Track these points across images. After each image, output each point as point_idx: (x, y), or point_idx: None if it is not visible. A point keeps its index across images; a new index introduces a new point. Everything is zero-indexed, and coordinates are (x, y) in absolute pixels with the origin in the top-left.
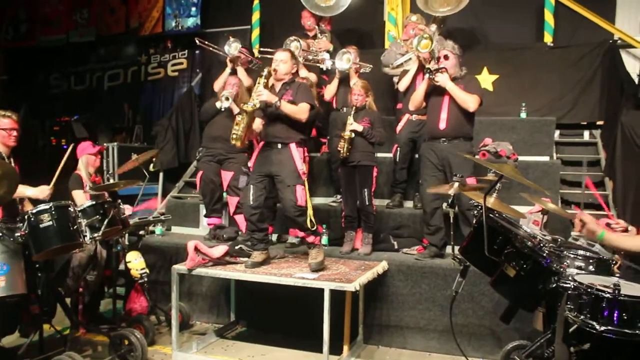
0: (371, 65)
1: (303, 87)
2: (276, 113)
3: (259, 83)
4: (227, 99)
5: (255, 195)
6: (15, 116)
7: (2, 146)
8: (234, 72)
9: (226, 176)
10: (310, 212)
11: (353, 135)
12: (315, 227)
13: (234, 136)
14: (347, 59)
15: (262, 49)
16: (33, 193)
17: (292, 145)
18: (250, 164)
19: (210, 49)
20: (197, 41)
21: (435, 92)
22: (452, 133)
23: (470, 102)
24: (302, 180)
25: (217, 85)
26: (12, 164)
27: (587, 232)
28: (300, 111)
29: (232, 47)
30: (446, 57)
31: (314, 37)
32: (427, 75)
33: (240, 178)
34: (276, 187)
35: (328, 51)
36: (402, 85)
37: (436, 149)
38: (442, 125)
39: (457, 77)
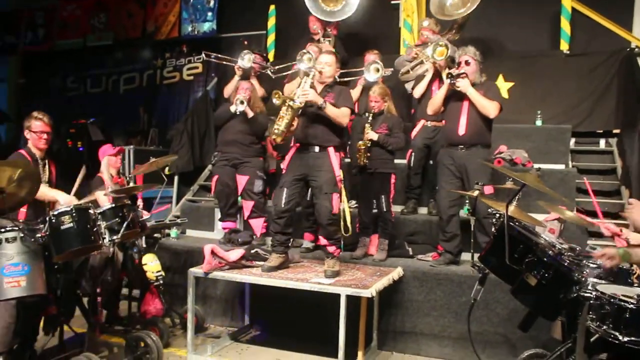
0: (392, 69)
1: (345, 92)
2: (316, 114)
3: (305, 82)
4: (241, 102)
5: (288, 198)
6: (47, 119)
7: (34, 148)
8: (245, 78)
9: (241, 180)
10: (347, 218)
11: (369, 143)
12: (338, 237)
13: (276, 131)
14: (374, 69)
15: (277, 67)
16: (64, 201)
17: (331, 150)
18: (283, 165)
19: (221, 61)
20: (204, 55)
21: (454, 97)
22: (471, 140)
23: (490, 108)
24: (338, 188)
25: (227, 92)
26: (47, 166)
27: (613, 260)
28: (342, 115)
29: (246, 60)
30: (467, 63)
31: (318, 40)
32: (448, 80)
33: (256, 182)
34: (311, 191)
35: None
36: (417, 92)
37: (454, 155)
38: (462, 131)
39: (477, 83)
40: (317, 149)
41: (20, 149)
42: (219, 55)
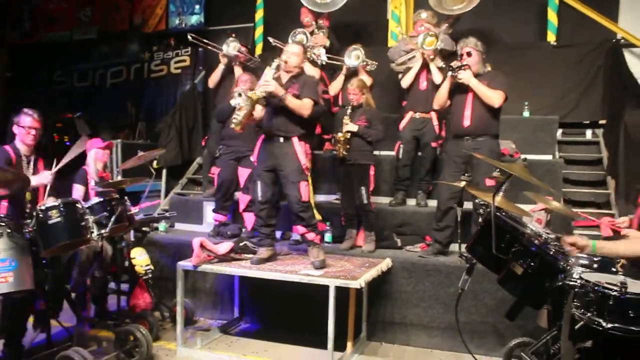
0: (376, 63)
1: (309, 83)
2: (279, 105)
3: (267, 72)
4: (239, 95)
5: (263, 190)
6: (37, 115)
7: (21, 144)
8: (230, 70)
9: (244, 173)
10: (312, 206)
11: (349, 135)
12: (314, 223)
13: (234, 121)
14: (356, 56)
15: (274, 40)
16: (37, 181)
17: (295, 140)
18: (253, 158)
19: (207, 46)
20: (190, 37)
21: (459, 89)
22: (476, 130)
23: (494, 97)
24: (305, 176)
25: (211, 82)
26: (31, 163)
27: (581, 250)
28: (304, 107)
29: (231, 47)
30: (469, 54)
31: (311, 33)
32: (449, 73)
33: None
34: (280, 181)
35: (324, 46)
36: (404, 82)
37: (460, 147)
38: (467, 122)
39: (481, 73)
40: (281, 139)
41: (6, 144)
42: (205, 40)
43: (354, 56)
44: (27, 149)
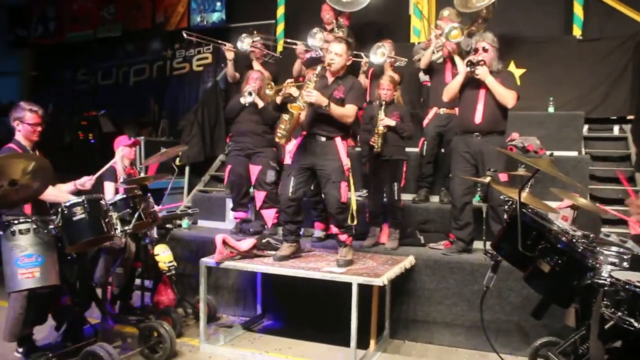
0: (406, 59)
1: (356, 87)
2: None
3: (309, 81)
4: (249, 94)
5: (296, 187)
6: (41, 111)
7: (25, 140)
8: (249, 66)
9: (254, 170)
10: (353, 207)
11: (385, 130)
12: (350, 225)
13: (279, 134)
14: (381, 53)
15: (288, 40)
16: (72, 187)
17: (338, 139)
18: (290, 154)
19: (204, 41)
20: (184, 34)
21: (470, 84)
22: (487, 128)
23: (509, 97)
24: (346, 177)
25: (229, 76)
26: None
27: None
28: (347, 114)
29: (245, 43)
30: (485, 50)
31: (331, 30)
32: (467, 68)
33: (268, 172)
34: (318, 180)
35: None
36: (423, 63)
37: (469, 143)
38: (478, 119)
39: (494, 70)
40: (323, 138)
41: (8, 143)
42: (200, 36)
43: (379, 53)
44: (31, 144)
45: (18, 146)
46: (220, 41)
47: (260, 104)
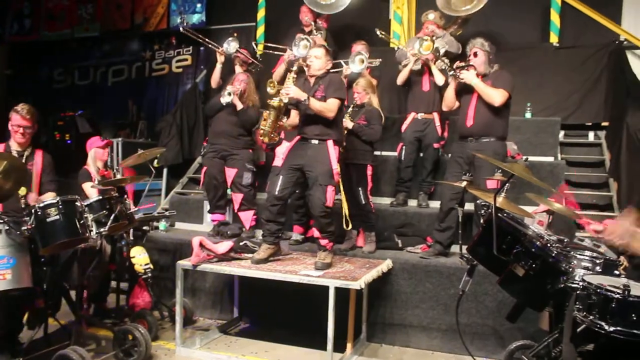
0: (380, 59)
1: (334, 81)
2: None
3: (288, 78)
4: (229, 94)
5: (283, 186)
6: (26, 112)
7: (13, 142)
8: (232, 70)
9: (230, 173)
10: (346, 212)
11: (344, 132)
12: (333, 230)
13: (262, 132)
14: (359, 60)
15: (267, 44)
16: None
17: (330, 143)
18: (282, 156)
19: (205, 43)
20: (181, 29)
21: (465, 90)
22: (479, 131)
23: (494, 96)
24: (334, 181)
25: (214, 82)
26: (25, 161)
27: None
28: (328, 109)
29: (231, 46)
30: (475, 54)
31: (309, 33)
32: (450, 74)
33: (244, 175)
34: (306, 182)
35: None
36: (399, 80)
37: (464, 148)
38: (469, 122)
39: (487, 74)
40: (316, 141)
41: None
42: (200, 37)
43: (357, 61)
44: (20, 146)
45: (5, 147)
46: (216, 44)
47: (240, 105)
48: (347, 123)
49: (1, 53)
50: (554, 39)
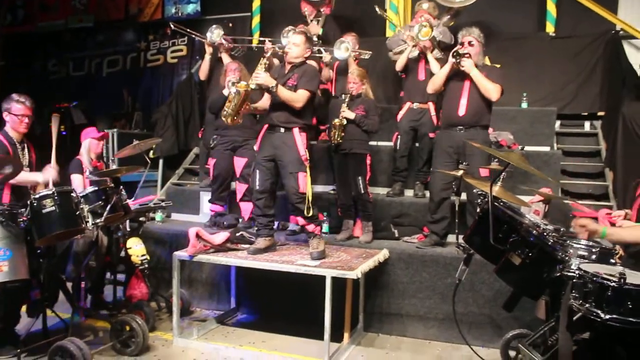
0: (370, 52)
1: (308, 73)
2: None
3: (260, 64)
4: (233, 84)
5: (262, 179)
6: (29, 102)
7: (12, 132)
8: (219, 60)
9: (239, 162)
10: (309, 198)
11: (345, 122)
12: (314, 215)
13: (224, 113)
14: (345, 48)
15: (261, 38)
16: (43, 178)
17: (295, 130)
18: (255, 147)
19: (190, 35)
20: (172, 25)
21: (455, 78)
22: (470, 121)
23: (493, 91)
24: (304, 167)
25: (202, 74)
26: (25, 150)
27: (590, 234)
28: (296, 99)
29: (215, 34)
30: (471, 44)
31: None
32: (452, 59)
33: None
34: (279, 171)
35: (317, 36)
36: (398, 65)
37: (453, 137)
38: (462, 111)
39: (479, 65)
40: (282, 129)
41: None
42: (188, 31)
43: (343, 48)
44: (19, 136)
45: (5, 137)
46: (203, 36)
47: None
48: (348, 114)
49: None
50: (550, 28)
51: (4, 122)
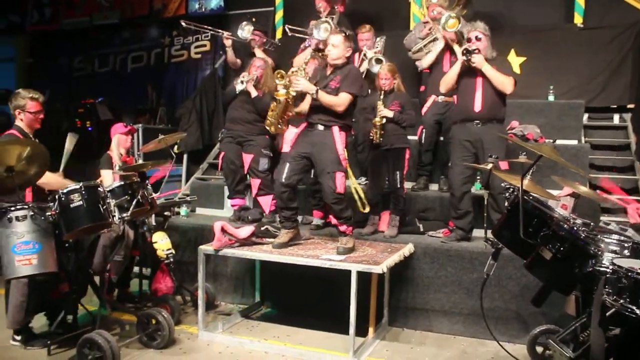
0: (378, 48)
1: (352, 75)
2: None
3: (300, 69)
4: (241, 82)
5: (290, 173)
6: (41, 98)
7: (27, 128)
8: (251, 55)
9: (246, 159)
10: (361, 194)
11: (384, 121)
12: (349, 216)
13: (268, 122)
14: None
15: (291, 27)
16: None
17: (335, 129)
18: (290, 142)
19: (192, 25)
20: (183, 23)
21: (467, 73)
22: (486, 115)
23: (507, 84)
24: (342, 167)
25: (231, 64)
26: None
27: None
28: (338, 103)
29: (245, 31)
30: (478, 39)
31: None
32: (462, 57)
33: (261, 160)
34: (314, 169)
35: None
36: (425, 62)
37: (469, 131)
38: (477, 107)
39: (489, 59)
40: (321, 127)
41: (10, 129)
42: (201, 26)
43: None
44: (32, 132)
45: (20, 132)
46: (217, 29)
47: (254, 93)
48: (386, 112)
49: (23, 42)
50: (578, 19)
51: (11, 118)
